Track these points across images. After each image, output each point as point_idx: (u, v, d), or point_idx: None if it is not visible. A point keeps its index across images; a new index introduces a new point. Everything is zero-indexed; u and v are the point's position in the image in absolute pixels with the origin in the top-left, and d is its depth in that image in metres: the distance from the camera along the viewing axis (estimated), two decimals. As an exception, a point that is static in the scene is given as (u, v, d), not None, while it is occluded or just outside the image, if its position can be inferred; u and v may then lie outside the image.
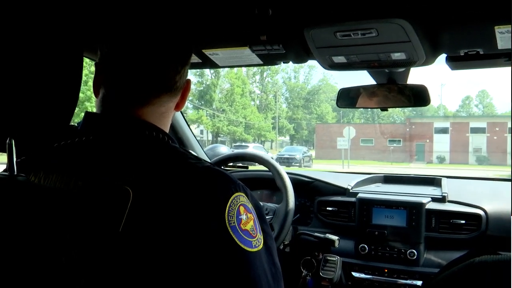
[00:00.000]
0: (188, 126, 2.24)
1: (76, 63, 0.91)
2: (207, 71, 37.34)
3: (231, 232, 0.70)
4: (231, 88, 37.45)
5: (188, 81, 0.91)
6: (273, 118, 43.08)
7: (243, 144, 27.61)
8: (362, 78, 1.63)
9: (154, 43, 0.84)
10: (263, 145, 38.67)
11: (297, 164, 25.52)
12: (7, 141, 0.74)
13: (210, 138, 38.69)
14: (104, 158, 0.76)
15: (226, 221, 0.70)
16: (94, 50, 0.95)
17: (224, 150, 2.42)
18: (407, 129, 34.39)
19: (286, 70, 45.92)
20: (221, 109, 37.50)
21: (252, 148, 24.20)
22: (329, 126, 38.53)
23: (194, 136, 2.29)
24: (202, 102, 37.31)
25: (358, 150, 32.49)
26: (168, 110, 0.88)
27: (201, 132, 39.10)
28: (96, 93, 0.88)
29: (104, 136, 0.79)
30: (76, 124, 0.88)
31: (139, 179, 0.71)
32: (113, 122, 0.81)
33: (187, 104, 37.62)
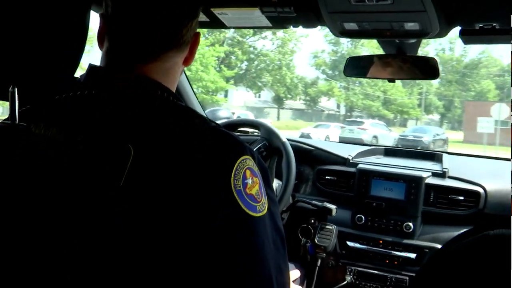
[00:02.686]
0: (190, 85, 2.21)
1: (82, 14, 0.89)
2: (343, 40, 33.01)
3: (236, 196, 0.69)
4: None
5: (197, 35, 0.88)
6: (420, 94, 36.90)
7: (358, 120, 23.96)
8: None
9: None
10: (406, 124, 34.68)
11: (425, 148, 18.54)
12: (10, 89, 0.73)
13: (343, 112, 35.86)
14: (106, 114, 0.74)
15: (232, 185, 0.69)
16: (101, 3, 0.92)
17: (225, 114, 2.39)
18: None
19: (440, 41, 37.75)
20: (357, 82, 33.36)
21: (369, 125, 21.63)
22: (482, 105, 29.22)
23: (195, 95, 2.27)
24: (336, 73, 33.35)
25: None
26: (175, 66, 0.85)
27: (338, 106, 36.67)
28: (100, 45, 0.85)
29: (107, 92, 0.77)
30: (79, 77, 0.86)
31: (142, 137, 0.70)
32: (116, 78, 0.79)
33: (318, 74, 33.65)
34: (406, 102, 35.04)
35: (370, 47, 30.52)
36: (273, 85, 31.78)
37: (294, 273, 1.54)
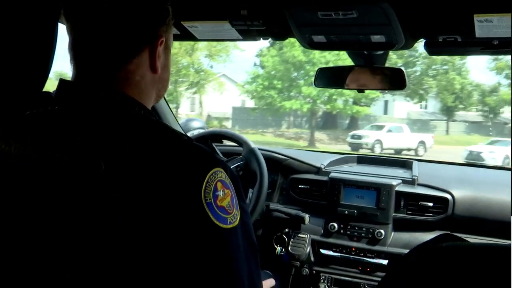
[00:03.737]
0: (165, 98, 2.20)
1: (49, 28, 0.88)
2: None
3: (206, 209, 0.70)
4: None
5: (159, 40, 0.83)
6: None
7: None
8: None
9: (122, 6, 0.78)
10: None
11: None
12: None
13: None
14: (76, 129, 0.74)
15: (202, 197, 0.70)
16: None
17: (197, 124, 2.40)
18: None
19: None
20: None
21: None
22: None
23: (169, 107, 2.27)
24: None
25: None
26: (144, 77, 0.83)
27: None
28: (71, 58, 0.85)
29: (77, 106, 0.77)
30: (51, 92, 0.85)
31: (113, 152, 0.70)
32: (86, 93, 0.78)
33: (500, 79, 24.21)
34: None
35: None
36: (439, 93, 25.34)
37: (269, 282, 1.55)
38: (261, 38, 1.48)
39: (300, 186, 2.09)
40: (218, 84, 22.29)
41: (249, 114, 23.65)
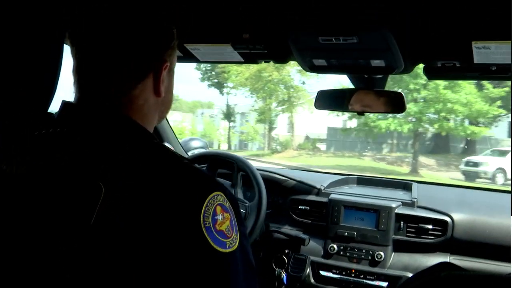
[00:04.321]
0: (166, 118, 2.22)
1: (55, 50, 0.90)
2: None
3: (205, 233, 0.70)
4: None
5: (163, 63, 0.84)
6: None
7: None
8: None
9: (127, 31, 0.79)
10: None
11: None
12: None
13: None
14: (78, 151, 0.75)
15: (201, 222, 0.70)
16: None
17: (197, 144, 2.41)
18: None
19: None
20: None
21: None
22: None
23: (171, 127, 2.28)
24: None
25: None
26: (148, 100, 0.83)
27: None
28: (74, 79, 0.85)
29: (80, 129, 0.78)
30: (54, 113, 0.86)
31: (114, 176, 0.70)
32: (89, 115, 0.79)
33: None
34: None
35: None
36: None
37: None
38: (263, 61, 1.50)
39: (300, 207, 2.09)
40: (308, 102, 20.16)
41: (346, 136, 20.81)
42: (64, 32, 0.87)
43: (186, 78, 53.26)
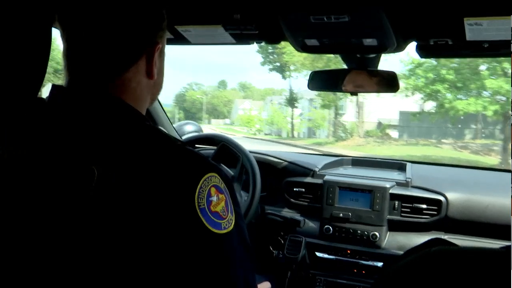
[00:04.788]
0: (159, 102, 2.21)
1: (44, 33, 0.89)
2: None
3: (200, 215, 0.70)
4: None
5: (156, 46, 0.83)
6: None
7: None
8: None
9: (116, 15, 0.78)
10: None
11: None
12: None
13: None
14: (71, 135, 0.74)
15: (196, 203, 0.70)
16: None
17: (190, 128, 2.40)
18: None
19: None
20: None
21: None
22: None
23: (164, 111, 2.27)
24: None
25: None
26: (140, 83, 0.83)
27: None
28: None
29: (72, 112, 0.77)
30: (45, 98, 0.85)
31: (107, 158, 0.70)
32: (80, 98, 0.78)
33: None
34: None
35: None
36: None
37: (264, 285, 1.55)
38: (254, 42, 1.48)
39: (295, 189, 2.10)
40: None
41: (422, 121, 17.76)
42: (53, 15, 0.86)
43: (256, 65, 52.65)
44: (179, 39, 1.50)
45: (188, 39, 1.49)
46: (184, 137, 2.26)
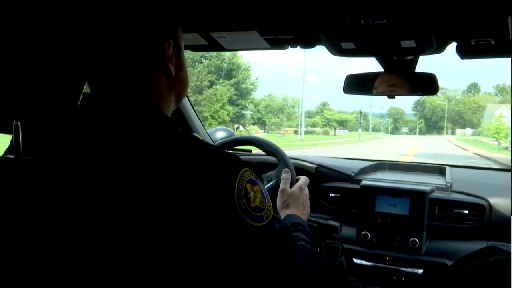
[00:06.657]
0: (192, 107, 2.22)
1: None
2: None
3: (243, 215, 0.72)
4: None
5: (168, 45, 0.84)
6: None
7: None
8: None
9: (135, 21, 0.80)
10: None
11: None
12: (14, 123, 0.74)
13: None
14: (103, 143, 0.74)
15: (237, 205, 0.72)
16: None
17: (221, 135, 2.41)
18: None
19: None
20: None
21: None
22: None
23: (198, 117, 2.28)
24: None
25: None
26: (162, 84, 0.84)
27: None
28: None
29: (102, 121, 0.77)
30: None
31: (141, 166, 0.70)
32: (109, 106, 0.79)
33: None
34: None
35: None
36: None
37: (304, 179, 1.56)
38: (289, 47, 1.48)
39: (331, 194, 2.07)
40: None
41: None
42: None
43: None
44: (213, 45, 1.50)
45: (222, 45, 1.50)
46: (216, 143, 2.27)
